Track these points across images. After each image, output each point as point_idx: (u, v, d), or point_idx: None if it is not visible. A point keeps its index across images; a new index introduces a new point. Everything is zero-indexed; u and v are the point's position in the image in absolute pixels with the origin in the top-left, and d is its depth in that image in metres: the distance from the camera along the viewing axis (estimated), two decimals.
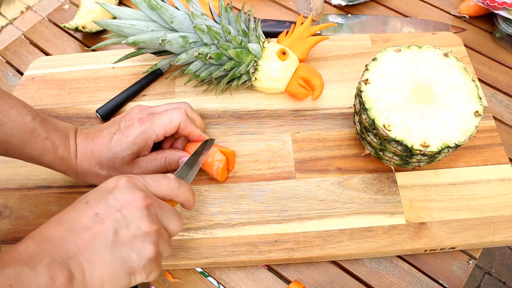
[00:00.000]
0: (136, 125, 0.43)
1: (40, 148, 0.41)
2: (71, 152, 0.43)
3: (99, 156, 0.43)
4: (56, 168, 0.43)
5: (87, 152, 0.43)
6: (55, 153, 0.42)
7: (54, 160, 0.42)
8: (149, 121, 0.44)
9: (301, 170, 0.49)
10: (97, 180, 0.44)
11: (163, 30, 0.50)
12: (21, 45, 0.67)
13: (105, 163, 0.43)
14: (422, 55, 0.45)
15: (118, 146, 0.43)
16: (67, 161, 0.43)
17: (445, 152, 0.42)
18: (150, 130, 0.43)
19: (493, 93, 0.60)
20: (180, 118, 0.44)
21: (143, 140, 0.43)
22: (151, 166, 0.45)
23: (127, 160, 0.44)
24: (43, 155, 0.42)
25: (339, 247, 0.45)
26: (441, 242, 0.45)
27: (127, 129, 0.43)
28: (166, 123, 0.44)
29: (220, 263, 0.45)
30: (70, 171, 0.44)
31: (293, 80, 0.52)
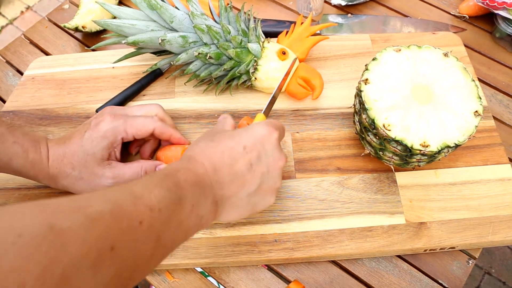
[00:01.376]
0: (108, 120, 0.44)
1: (9, 153, 0.41)
2: (43, 154, 0.42)
3: (71, 155, 0.43)
4: (27, 173, 0.43)
5: (59, 153, 0.43)
6: (26, 157, 0.41)
7: (25, 164, 0.42)
8: (121, 119, 0.44)
9: (301, 170, 0.49)
10: (69, 181, 0.43)
11: (163, 30, 0.50)
12: (21, 45, 0.67)
13: (76, 162, 0.43)
14: (422, 55, 0.45)
15: (88, 143, 0.43)
16: (39, 164, 0.42)
17: (444, 152, 0.42)
18: (121, 127, 0.44)
19: (493, 93, 0.60)
20: (154, 126, 0.45)
21: (113, 134, 0.43)
22: (124, 174, 0.44)
23: (98, 158, 0.43)
24: (12, 160, 0.41)
25: (339, 247, 0.45)
26: (441, 242, 0.45)
27: (97, 125, 0.44)
28: (139, 127, 0.45)
29: (220, 262, 0.45)
30: (42, 175, 0.43)
31: (293, 80, 0.52)
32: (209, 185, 0.34)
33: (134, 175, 0.44)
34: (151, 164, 0.46)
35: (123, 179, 0.44)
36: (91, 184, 0.43)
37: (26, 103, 0.56)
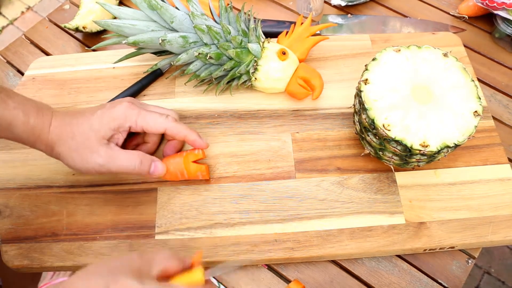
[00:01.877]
0: (124, 105, 0.44)
1: (9, 118, 0.40)
2: (45, 119, 0.42)
3: (76, 125, 0.43)
4: (26, 138, 0.42)
5: (64, 122, 0.43)
6: (26, 122, 0.41)
7: (25, 129, 0.41)
8: (137, 109, 0.44)
9: (301, 170, 0.50)
10: (64, 149, 0.42)
11: (163, 30, 0.50)
12: (21, 45, 0.67)
13: (78, 133, 0.42)
14: (422, 55, 0.45)
15: (98, 119, 0.43)
16: (40, 129, 0.42)
17: (444, 152, 0.42)
18: (134, 117, 0.44)
19: (492, 93, 0.60)
20: (166, 125, 0.45)
21: (123, 119, 0.43)
22: (118, 157, 0.43)
23: (100, 135, 0.43)
24: (12, 125, 0.41)
25: (339, 247, 0.45)
26: (441, 241, 0.45)
27: (113, 107, 0.44)
28: (151, 122, 0.44)
29: (220, 262, 0.45)
30: (40, 141, 0.42)
31: (293, 80, 0.52)
32: None
33: (128, 163, 0.43)
34: (149, 158, 0.45)
35: (116, 164, 0.43)
36: (83, 157, 0.42)
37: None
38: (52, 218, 0.48)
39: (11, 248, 0.46)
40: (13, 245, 0.47)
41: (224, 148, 0.51)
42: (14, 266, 0.46)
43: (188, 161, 0.46)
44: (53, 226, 0.47)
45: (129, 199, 0.49)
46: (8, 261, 0.46)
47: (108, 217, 0.48)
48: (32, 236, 0.47)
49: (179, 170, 0.46)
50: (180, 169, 0.46)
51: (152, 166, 0.45)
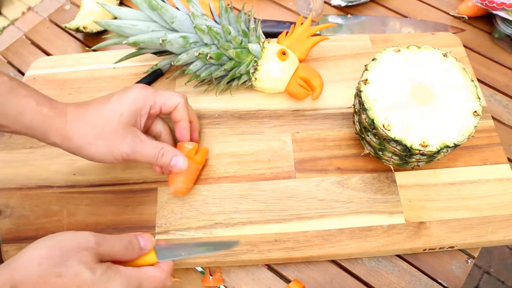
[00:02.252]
0: (139, 87, 0.44)
1: (20, 106, 0.39)
2: (59, 110, 0.40)
3: (94, 113, 0.41)
4: (38, 128, 0.40)
5: (80, 112, 0.41)
6: (39, 112, 0.39)
7: (37, 119, 0.39)
8: (152, 89, 0.44)
9: (301, 170, 0.50)
10: (86, 141, 0.40)
11: (163, 30, 0.50)
12: (22, 46, 0.67)
13: (100, 120, 0.41)
14: (421, 55, 0.45)
15: (116, 103, 0.42)
16: (52, 120, 0.40)
17: (444, 151, 0.42)
18: (151, 95, 0.43)
19: (492, 93, 0.60)
20: (181, 99, 0.45)
21: (142, 100, 0.43)
22: (145, 147, 0.42)
23: (125, 120, 0.41)
24: (23, 114, 0.39)
25: (339, 247, 0.45)
26: (440, 241, 0.45)
27: (127, 90, 0.43)
28: (167, 97, 0.44)
29: (220, 262, 0.45)
30: (54, 133, 0.40)
31: (293, 80, 0.52)
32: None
33: (152, 151, 0.42)
34: (172, 151, 0.44)
35: (141, 152, 0.42)
36: (111, 146, 0.41)
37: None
38: (52, 218, 0.48)
39: (12, 248, 0.46)
40: (13, 245, 0.47)
41: (224, 148, 0.52)
42: None
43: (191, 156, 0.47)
44: (53, 226, 0.47)
45: (129, 199, 0.49)
46: None
47: (108, 217, 0.48)
48: (32, 236, 0.47)
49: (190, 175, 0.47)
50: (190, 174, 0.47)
51: (174, 159, 0.44)
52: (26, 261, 0.32)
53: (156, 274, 0.36)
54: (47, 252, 0.33)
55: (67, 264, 0.32)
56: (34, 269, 0.32)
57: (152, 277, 0.36)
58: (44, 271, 0.32)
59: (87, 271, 0.32)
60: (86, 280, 0.32)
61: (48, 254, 0.32)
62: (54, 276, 0.32)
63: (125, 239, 0.36)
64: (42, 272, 0.32)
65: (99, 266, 0.33)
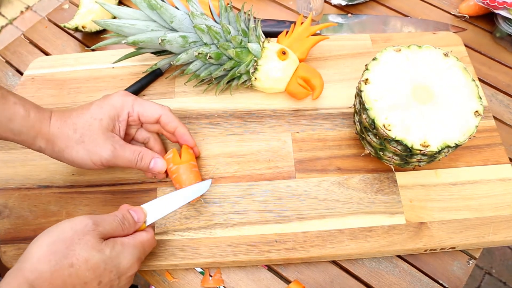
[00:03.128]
0: (120, 93, 0.45)
1: (9, 113, 0.40)
2: (45, 115, 0.42)
3: (76, 117, 0.43)
4: (27, 133, 0.41)
5: (64, 116, 0.43)
6: (27, 117, 0.41)
7: (25, 124, 0.41)
8: (132, 97, 0.45)
9: (301, 170, 0.49)
10: (67, 145, 0.42)
11: (163, 30, 0.50)
12: (21, 45, 0.67)
13: (81, 124, 0.42)
14: (422, 55, 0.45)
15: (97, 109, 0.43)
16: (39, 123, 0.41)
17: (445, 152, 0.42)
18: (130, 102, 0.45)
19: (493, 93, 0.60)
20: (162, 112, 0.46)
21: (121, 106, 0.44)
22: (124, 152, 0.43)
23: (104, 125, 0.43)
24: (12, 120, 0.40)
25: (339, 247, 0.45)
26: (441, 242, 0.45)
27: (108, 96, 0.45)
28: (146, 107, 0.45)
29: (220, 263, 0.45)
30: (40, 136, 0.42)
31: (293, 80, 0.52)
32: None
33: (131, 156, 0.44)
34: (150, 154, 0.45)
35: (120, 157, 0.43)
36: (90, 151, 0.42)
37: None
38: (51, 219, 0.48)
39: (10, 248, 0.46)
40: (12, 245, 0.46)
41: (224, 148, 0.51)
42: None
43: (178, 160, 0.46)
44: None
45: (129, 199, 0.49)
46: (7, 262, 0.46)
47: None
48: (31, 236, 0.46)
49: None
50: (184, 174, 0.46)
51: (152, 162, 0.45)
52: (35, 262, 0.33)
53: (149, 237, 0.41)
54: (51, 249, 0.34)
55: (75, 253, 0.34)
56: (46, 266, 0.33)
57: (147, 240, 0.40)
58: (55, 265, 0.33)
59: (96, 253, 0.34)
60: (98, 262, 0.34)
61: (53, 250, 0.34)
62: (66, 267, 0.33)
63: (119, 215, 0.39)
64: (53, 267, 0.33)
65: (105, 245, 0.35)
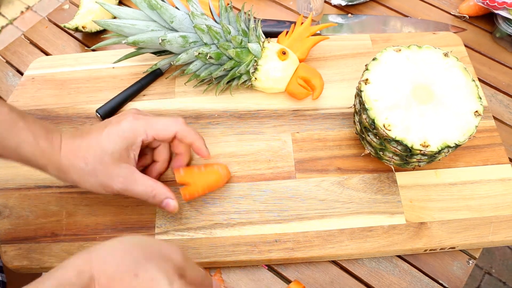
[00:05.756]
0: (130, 119, 0.42)
1: (19, 139, 0.39)
2: (54, 144, 0.41)
3: (86, 149, 0.41)
4: (36, 161, 0.41)
5: (74, 146, 0.41)
6: (36, 145, 0.40)
7: (34, 152, 0.40)
8: (143, 119, 0.43)
9: (301, 170, 0.49)
10: (80, 176, 0.41)
11: (163, 30, 0.50)
12: (21, 45, 0.67)
13: (91, 158, 0.41)
14: (422, 55, 0.45)
15: (107, 139, 0.41)
16: (49, 153, 0.40)
17: (445, 152, 0.42)
18: (142, 128, 0.42)
19: (493, 93, 0.60)
20: (177, 128, 0.43)
21: (133, 135, 0.42)
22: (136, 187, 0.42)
23: (116, 158, 0.41)
24: (21, 147, 0.39)
25: (339, 247, 0.45)
26: (441, 242, 0.45)
27: (119, 122, 0.42)
28: (160, 128, 0.43)
29: (220, 263, 0.45)
30: (51, 166, 0.41)
31: (293, 80, 0.52)
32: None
33: (143, 192, 0.42)
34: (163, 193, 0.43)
35: (133, 190, 0.42)
36: (103, 184, 0.41)
37: (26, 103, 0.56)
38: (51, 219, 0.48)
39: (11, 248, 0.46)
40: (12, 245, 0.46)
41: (224, 148, 0.51)
42: (13, 267, 0.46)
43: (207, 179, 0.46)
44: (52, 226, 0.47)
45: (129, 199, 0.49)
46: (8, 262, 0.46)
47: (108, 217, 0.48)
48: (31, 236, 0.47)
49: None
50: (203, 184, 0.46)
51: (164, 202, 0.43)
52: (107, 253, 0.31)
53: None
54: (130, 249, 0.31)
55: (146, 267, 0.31)
56: (114, 262, 0.31)
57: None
58: (123, 266, 0.30)
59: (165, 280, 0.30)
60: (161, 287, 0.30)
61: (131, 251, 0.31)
62: (131, 274, 0.30)
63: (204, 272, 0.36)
64: (120, 267, 0.30)
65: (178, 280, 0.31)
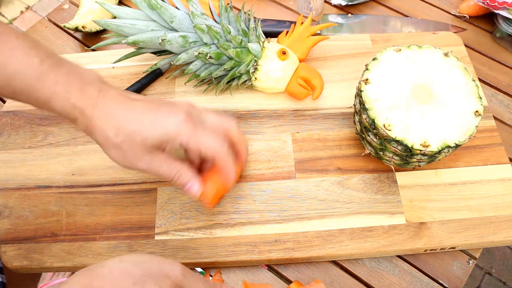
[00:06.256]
0: (182, 118, 0.39)
1: (49, 93, 0.37)
2: (90, 99, 0.38)
3: (122, 122, 0.38)
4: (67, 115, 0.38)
5: (111, 111, 0.39)
6: (67, 99, 0.37)
7: (65, 107, 0.38)
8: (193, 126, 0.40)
9: (301, 170, 0.49)
10: (106, 143, 0.39)
11: (163, 29, 0.50)
12: None
13: (123, 133, 0.38)
14: (422, 55, 0.45)
15: (147, 125, 0.39)
16: (82, 108, 0.38)
17: (445, 152, 0.42)
18: (187, 134, 0.39)
19: (493, 93, 0.60)
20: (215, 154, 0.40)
21: (175, 136, 0.39)
22: (160, 167, 0.41)
23: (147, 143, 0.39)
24: (52, 100, 0.38)
25: (339, 247, 0.45)
26: (441, 242, 0.45)
27: (169, 114, 0.39)
28: (202, 145, 0.40)
29: (220, 263, 0.45)
30: (81, 120, 0.38)
31: (293, 80, 0.52)
32: None
33: (168, 173, 0.41)
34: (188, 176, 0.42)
35: (156, 171, 0.40)
36: (126, 158, 0.39)
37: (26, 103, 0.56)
38: (51, 219, 0.48)
39: (10, 248, 0.46)
40: (12, 245, 0.46)
41: None
42: (13, 267, 0.46)
43: None
44: (52, 226, 0.47)
45: (129, 199, 0.49)
46: (8, 262, 0.46)
47: (108, 217, 0.48)
48: (31, 236, 0.47)
49: None
50: None
51: (188, 184, 0.42)
52: (107, 271, 0.31)
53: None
54: (129, 267, 0.31)
55: (144, 285, 0.30)
56: (112, 279, 0.30)
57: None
58: (121, 283, 0.30)
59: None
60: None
61: (130, 270, 0.31)
62: None
63: (211, 283, 0.35)
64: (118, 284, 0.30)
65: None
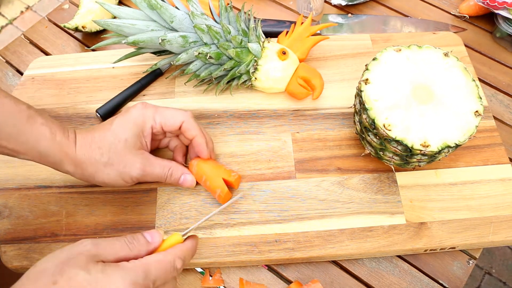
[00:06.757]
0: (139, 107, 0.44)
1: (37, 134, 0.40)
2: (70, 139, 0.42)
3: (100, 140, 0.42)
4: (53, 156, 0.41)
5: (87, 139, 0.42)
6: (53, 139, 0.41)
7: (52, 146, 0.41)
8: (152, 108, 0.45)
9: (301, 170, 0.49)
10: (96, 168, 0.42)
11: (163, 29, 0.49)
12: (21, 45, 0.67)
13: (106, 147, 0.42)
14: (422, 55, 0.45)
15: (119, 127, 0.43)
16: (66, 147, 0.41)
17: (445, 152, 0.42)
18: (151, 115, 0.44)
19: (494, 93, 0.60)
20: (183, 118, 0.45)
21: (143, 121, 0.43)
22: (153, 169, 0.44)
23: (130, 145, 0.42)
24: (39, 142, 0.40)
25: (339, 247, 0.45)
26: (441, 242, 0.45)
27: (127, 111, 0.44)
28: (167, 115, 0.44)
29: (220, 263, 0.45)
30: (68, 160, 0.42)
31: (293, 80, 0.52)
32: None
33: (161, 172, 0.44)
34: (179, 171, 0.45)
35: (151, 173, 0.44)
36: (121, 171, 0.42)
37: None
38: (51, 219, 0.48)
39: (10, 248, 0.46)
40: (12, 245, 0.46)
41: (224, 148, 0.51)
42: (13, 267, 0.46)
43: (218, 174, 0.46)
44: (52, 226, 0.47)
45: (129, 199, 0.49)
46: (7, 262, 0.46)
47: (108, 217, 0.48)
48: (31, 236, 0.47)
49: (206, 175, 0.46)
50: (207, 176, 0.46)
51: (182, 177, 0.45)
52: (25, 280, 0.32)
53: (160, 258, 0.35)
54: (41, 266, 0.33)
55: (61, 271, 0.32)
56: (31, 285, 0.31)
57: (156, 261, 0.34)
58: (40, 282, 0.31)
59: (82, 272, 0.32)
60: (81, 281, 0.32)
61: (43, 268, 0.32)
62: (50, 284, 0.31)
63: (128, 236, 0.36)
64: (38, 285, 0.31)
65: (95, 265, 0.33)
